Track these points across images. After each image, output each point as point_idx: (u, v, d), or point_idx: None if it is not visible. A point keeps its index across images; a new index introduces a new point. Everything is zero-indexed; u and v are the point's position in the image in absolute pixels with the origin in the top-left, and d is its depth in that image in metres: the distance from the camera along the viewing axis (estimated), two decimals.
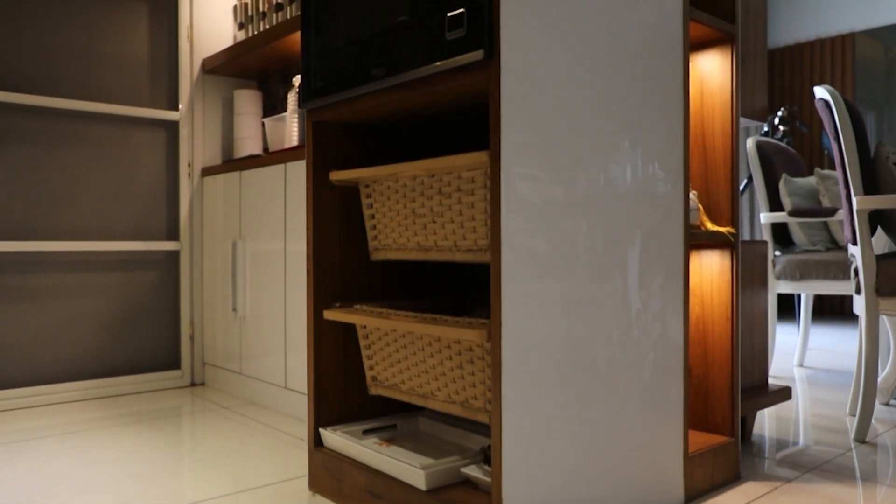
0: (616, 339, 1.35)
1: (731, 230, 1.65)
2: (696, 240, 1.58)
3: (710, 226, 1.67)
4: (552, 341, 1.24)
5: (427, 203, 1.44)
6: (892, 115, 5.58)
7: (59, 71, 2.49)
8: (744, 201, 5.40)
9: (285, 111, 2.75)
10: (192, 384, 2.77)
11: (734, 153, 1.68)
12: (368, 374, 1.60)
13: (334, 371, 1.64)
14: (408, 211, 1.49)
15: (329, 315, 1.56)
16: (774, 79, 5.43)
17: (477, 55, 1.17)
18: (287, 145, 2.40)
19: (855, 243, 1.99)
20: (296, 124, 2.32)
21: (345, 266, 1.66)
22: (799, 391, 2.66)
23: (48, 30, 2.47)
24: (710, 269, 1.71)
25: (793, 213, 2.74)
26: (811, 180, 2.90)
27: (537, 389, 1.21)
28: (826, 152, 5.09)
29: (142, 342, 2.67)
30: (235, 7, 2.86)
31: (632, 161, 1.38)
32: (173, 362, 2.75)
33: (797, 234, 2.88)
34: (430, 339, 1.41)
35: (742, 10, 1.87)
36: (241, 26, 2.81)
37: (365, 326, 1.57)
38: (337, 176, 1.58)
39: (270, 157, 2.32)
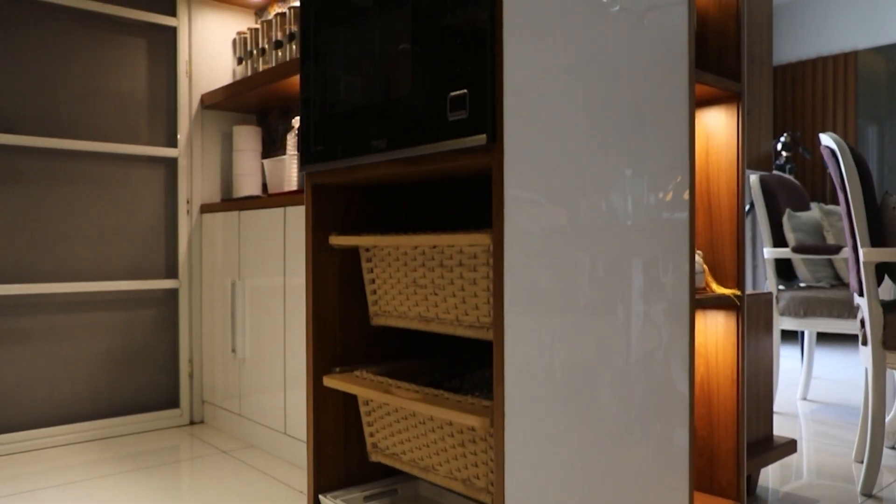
0: (621, 407, 1.33)
1: (737, 292, 1.63)
2: (703, 305, 1.56)
3: (716, 287, 1.65)
4: (556, 416, 1.21)
5: (429, 274, 1.42)
6: (894, 127, 5.56)
7: (55, 111, 2.47)
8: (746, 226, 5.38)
9: (284, 149, 2.73)
10: (191, 422, 2.75)
11: (740, 212, 1.66)
12: (369, 440, 1.58)
13: (334, 435, 1.62)
14: (409, 280, 1.47)
15: (329, 382, 1.53)
16: (776, 96, 5.40)
17: (479, 140, 1.14)
18: (286, 188, 2.37)
19: (861, 294, 1.97)
20: (295, 167, 2.30)
21: (344, 327, 1.64)
22: (803, 430, 2.63)
23: (44, 70, 2.44)
24: (716, 329, 1.69)
25: (797, 250, 2.72)
26: (815, 215, 2.88)
27: (541, 470, 1.19)
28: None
29: (140, 381, 2.65)
30: (235, 41, 2.84)
31: (637, 225, 1.36)
32: (172, 401, 2.72)
33: (801, 270, 2.85)
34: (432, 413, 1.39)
35: (747, 60, 1.85)
36: (239, 60, 2.79)
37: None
38: (337, 241, 1.56)
39: (270, 199, 2.29)
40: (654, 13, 1.39)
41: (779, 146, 4.08)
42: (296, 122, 2.35)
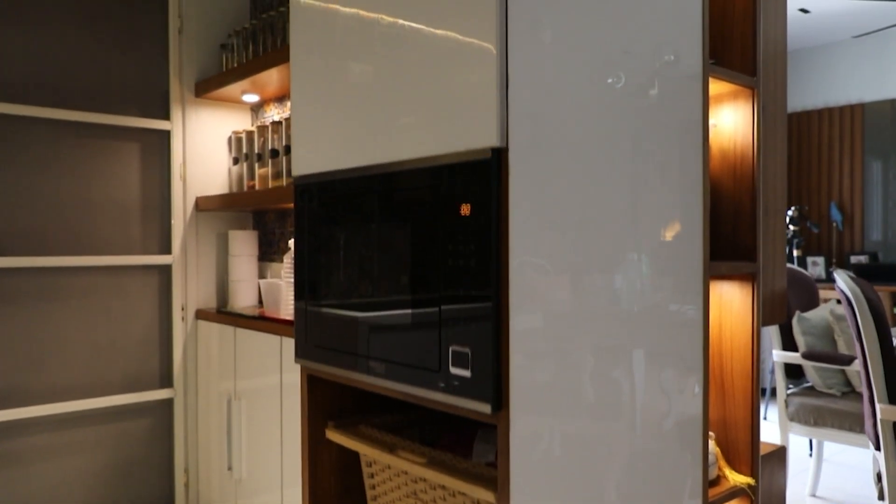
0: None
1: (752, 482, 1.56)
2: None
3: (730, 473, 1.58)
4: None
5: (430, 492, 1.35)
6: None
7: (44, 227, 2.40)
8: None
9: (281, 256, 2.66)
10: None
11: (755, 396, 1.59)
12: None
13: None
14: (410, 490, 1.40)
15: None
16: None
17: (483, 407, 1.08)
18: (282, 311, 2.30)
19: (879, 449, 1.90)
20: (291, 295, 2.23)
21: None
22: None
23: (32, 185, 2.37)
24: None
25: (807, 357, 2.65)
26: (825, 316, 2.81)
27: None
28: (835, 224, 4.98)
29: (135, 494, 2.58)
30: (230, 139, 2.77)
31: (646, 407, 1.29)
32: None
33: (811, 375, 2.78)
34: None
35: (763, 224, 1.77)
36: (235, 161, 2.72)
37: None
38: (334, 437, 1.49)
39: (266, 325, 2.22)
40: (673, 150, 1.32)
41: (786, 219, 4.00)
42: (291, 244, 2.27)
